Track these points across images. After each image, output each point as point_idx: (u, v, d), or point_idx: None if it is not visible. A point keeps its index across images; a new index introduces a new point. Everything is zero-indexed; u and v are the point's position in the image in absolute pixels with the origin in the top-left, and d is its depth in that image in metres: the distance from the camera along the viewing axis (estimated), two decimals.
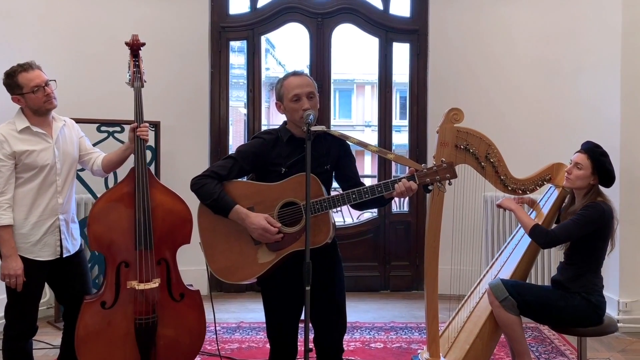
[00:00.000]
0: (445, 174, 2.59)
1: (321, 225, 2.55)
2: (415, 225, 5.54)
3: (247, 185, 2.68)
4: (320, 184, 2.57)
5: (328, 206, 2.53)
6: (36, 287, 2.93)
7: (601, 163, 3.00)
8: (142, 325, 2.85)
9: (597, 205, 2.97)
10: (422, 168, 2.59)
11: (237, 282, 2.69)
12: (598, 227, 2.97)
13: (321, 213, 2.53)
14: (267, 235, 2.53)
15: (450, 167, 2.60)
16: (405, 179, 2.55)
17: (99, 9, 5.11)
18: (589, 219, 2.95)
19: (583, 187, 3.04)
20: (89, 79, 5.00)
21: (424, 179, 2.58)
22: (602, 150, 3.04)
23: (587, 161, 3.02)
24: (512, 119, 5.16)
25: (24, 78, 2.84)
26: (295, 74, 2.68)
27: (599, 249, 3.03)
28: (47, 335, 4.10)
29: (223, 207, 2.56)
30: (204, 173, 2.64)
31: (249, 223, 2.54)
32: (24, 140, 2.86)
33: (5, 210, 2.80)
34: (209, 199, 2.57)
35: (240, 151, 2.70)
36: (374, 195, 2.55)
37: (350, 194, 2.54)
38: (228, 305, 4.98)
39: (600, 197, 3.04)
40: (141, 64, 3.06)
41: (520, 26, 5.18)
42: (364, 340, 4.15)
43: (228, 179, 2.64)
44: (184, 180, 2.95)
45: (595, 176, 3.02)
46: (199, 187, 2.59)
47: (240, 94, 10.01)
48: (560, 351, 3.90)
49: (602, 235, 3.00)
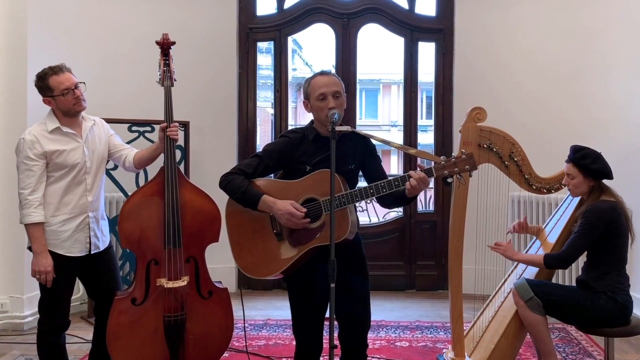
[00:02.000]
0: (465, 166, 2.55)
1: (340, 220, 2.58)
2: (441, 225, 5.53)
3: (269, 183, 2.75)
4: (340, 180, 2.60)
5: (347, 201, 2.57)
6: (67, 283, 3.01)
7: (585, 166, 3.00)
8: (171, 323, 2.91)
9: (594, 209, 2.97)
10: (441, 161, 2.58)
11: (263, 277, 2.75)
12: (604, 228, 2.95)
13: (340, 209, 2.56)
14: (294, 220, 2.59)
15: (470, 158, 2.56)
16: (418, 171, 2.54)
17: (129, 11, 5.22)
18: (590, 226, 2.95)
19: (586, 191, 3.07)
20: (119, 80, 5.12)
21: (442, 172, 2.56)
22: (583, 153, 3.03)
23: (574, 169, 3.04)
24: (537, 119, 5.11)
25: (55, 81, 2.91)
26: (323, 73, 2.74)
27: (617, 246, 3.00)
28: (80, 330, 4.20)
29: (251, 198, 2.65)
30: (231, 171, 2.74)
31: (277, 209, 2.61)
32: (55, 140, 2.93)
33: (37, 208, 2.88)
34: (238, 192, 2.67)
35: (266, 150, 2.78)
36: (391, 189, 2.57)
37: (368, 188, 2.58)
38: (255, 302, 5.04)
39: (604, 194, 3.03)
40: (171, 63, 3.10)
41: (547, 25, 5.14)
42: (389, 339, 4.17)
43: (254, 176, 2.72)
44: (212, 180, 3.01)
45: (589, 178, 3.03)
46: (227, 183, 2.69)
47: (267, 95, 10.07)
48: (588, 352, 3.86)
49: (614, 234, 2.98)
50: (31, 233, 2.90)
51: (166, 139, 2.99)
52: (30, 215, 2.87)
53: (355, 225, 2.70)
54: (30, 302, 4.36)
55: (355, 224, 2.68)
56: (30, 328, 4.33)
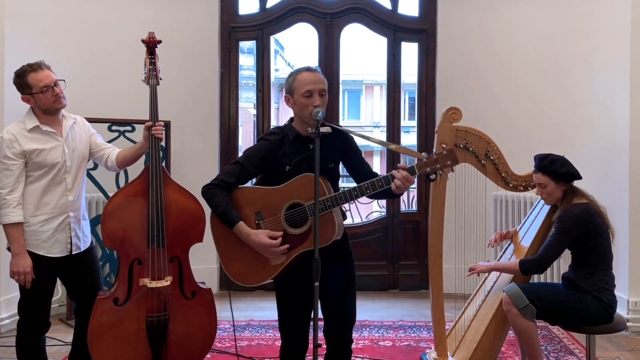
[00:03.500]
0: (446, 161, 2.54)
1: (327, 224, 2.57)
2: (424, 225, 5.55)
3: (253, 191, 2.73)
4: (322, 183, 2.58)
5: (332, 204, 2.56)
6: (48, 284, 2.97)
7: (554, 171, 3.04)
8: (154, 323, 2.88)
9: (568, 213, 3.00)
10: (422, 157, 2.57)
11: (254, 284, 2.75)
12: (581, 231, 2.98)
13: (326, 212, 2.56)
14: (271, 250, 2.60)
15: (451, 153, 2.55)
16: (400, 170, 2.53)
17: (109, 10, 5.16)
18: (565, 230, 2.98)
19: (560, 197, 3.10)
20: (99, 79, 5.06)
21: (424, 169, 2.55)
22: (549, 159, 3.07)
23: (544, 177, 3.07)
24: (519, 119, 5.17)
25: (33, 78, 2.86)
26: (309, 69, 2.68)
27: (598, 245, 3.02)
28: (59, 332, 4.14)
29: (228, 222, 2.64)
30: (213, 182, 2.70)
31: (251, 242, 2.62)
32: (34, 139, 2.89)
33: (15, 207, 2.83)
34: (217, 212, 2.67)
35: (247, 156, 2.74)
36: (375, 190, 2.56)
37: (352, 190, 2.57)
38: (237, 303, 5.01)
39: (576, 196, 3.07)
40: (157, 62, 3.07)
41: (529, 25, 5.18)
42: (372, 339, 4.17)
43: (237, 185, 2.70)
44: (193, 180, 2.99)
45: (561, 182, 3.06)
46: (209, 198, 2.68)
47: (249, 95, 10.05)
48: (570, 350, 3.90)
49: (593, 234, 3.01)
50: (9, 233, 2.85)
51: (151, 138, 2.96)
52: (8, 215, 2.82)
53: (342, 226, 2.70)
54: (7, 305, 4.29)
55: (341, 226, 2.68)
56: (7, 331, 4.25)
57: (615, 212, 4.01)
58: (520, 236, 3.36)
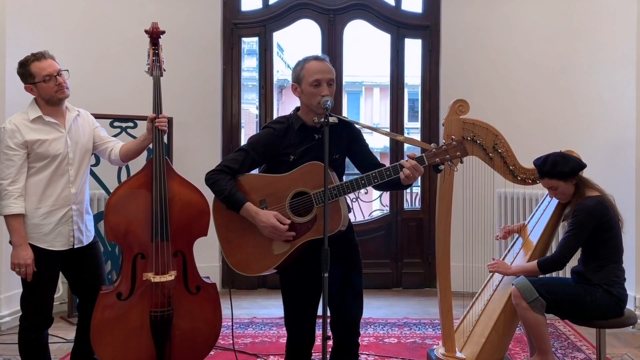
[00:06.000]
0: (456, 152, 2.51)
1: (332, 213, 2.52)
2: (427, 222, 5.51)
3: (257, 178, 2.68)
4: (330, 173, 2.54)
5: (338, 194, 2.51)
6: (50, 277, 2.92)
7: (560, 171, 3.02)
8: (158, 318, 2.84)
9: (581, 207, 2.98)
10: (432, 148, 2.53)
11: (256, 274, 2.69)
12: (596, 223, 2.96)
13: (332, 201, 2.51)
14: (277, 233, 2.54)
15: (460, 144, 2.53)
16: (409, 159, 2.49)
17: (111, 5, 5.12)
18: (579, 225, 2.96)
19: (572, 192, 3.08)
20: (101, 75, 5.02)
21: (433, 159, 2.51)
22: (550, 163, 3.03)
23: (551, 181, 3.06)
24: (523, 115, 5.12)
25: (36, 67, 2.83)
26: (317, 58, 2.63)
27: (610, 238, 3.00)
28: (60, 330, 4.09)
29: (234, 204, 2.58)
30: (217, 167, 2.66)
31: (259, 220, 2.55)
32: (36, 129, 2.85)
33: (17, 199, 2.79)
34: (221, 195, 2.60)
35: (251, 143, 2.70)
36: (382, 179, 2.51)
37: (360, 179, 2.52)
38: (240, 301, 4.96)
39: (587, 188, 3.06)
40: (161, 53, 3.03)
41: (533, 22, 5.15)
42: (377, 336, 4.12)
43: (241, 172, 2.65)
44: (196, 177, 2.94)
45: (570, 179, 3.04)
46: (212, 183, 2.62)
47: (251, 96, 10.02)
48: (577, 347, 3.86)
49: (606, 227, 2.98)
50: (10, 224, 2.81)
51: (155, 130, 2.93)
52: (9, 207, 2.78)
53: (347, 217, 2.65)
54: (8, 302, 4.23)
55: (347, 217, 2.63)
56: (8, 328, 4.19)
57: (622, 208, 3.93)
58: (529, 230, 3.32)
